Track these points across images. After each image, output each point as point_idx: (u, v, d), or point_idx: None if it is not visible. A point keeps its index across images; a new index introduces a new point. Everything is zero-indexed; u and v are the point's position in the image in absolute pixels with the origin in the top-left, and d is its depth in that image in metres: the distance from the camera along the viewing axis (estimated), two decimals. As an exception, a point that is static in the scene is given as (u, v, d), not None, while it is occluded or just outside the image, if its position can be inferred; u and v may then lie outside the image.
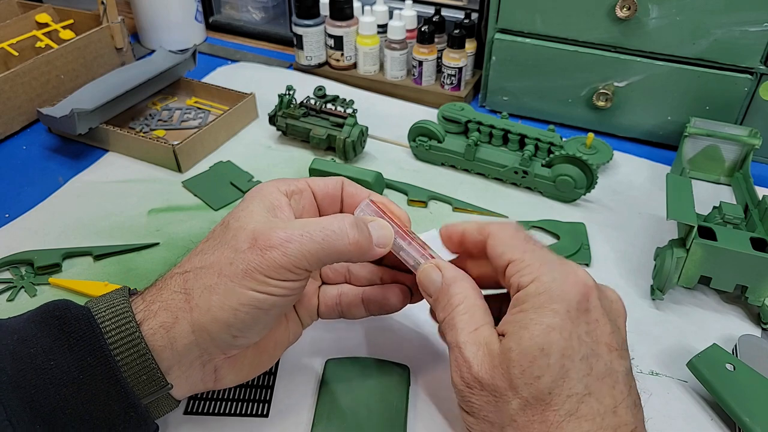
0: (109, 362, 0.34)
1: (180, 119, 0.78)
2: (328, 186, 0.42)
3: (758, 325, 0.52)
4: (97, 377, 0.34)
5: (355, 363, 0.46)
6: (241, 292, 0.35)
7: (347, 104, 0.71)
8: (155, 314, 0.36)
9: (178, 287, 0.36)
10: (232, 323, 0.35)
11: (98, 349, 0.34)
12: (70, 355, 0.34)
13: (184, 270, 0.37)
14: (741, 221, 0.54)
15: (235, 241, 0.36)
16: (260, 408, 0.44)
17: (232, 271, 0.35)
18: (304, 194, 0.41)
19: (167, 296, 0.36)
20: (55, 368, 0.34)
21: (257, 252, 0.35)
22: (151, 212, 0.63)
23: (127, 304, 0.36)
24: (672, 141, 0.73)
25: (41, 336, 0.34)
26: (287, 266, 0.35)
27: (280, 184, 0.40)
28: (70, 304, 0.36)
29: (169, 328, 0.36)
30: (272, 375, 0.46)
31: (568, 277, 0.34)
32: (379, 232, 0.39)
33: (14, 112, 0.75)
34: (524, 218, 0.63)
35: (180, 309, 0.36)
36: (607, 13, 0.69)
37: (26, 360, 0.34)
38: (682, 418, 0.44)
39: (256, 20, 1.02)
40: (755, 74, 0.67)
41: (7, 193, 0.66)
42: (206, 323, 0.35)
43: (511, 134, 0.67)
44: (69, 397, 0.33)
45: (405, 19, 0.81)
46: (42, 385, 0.33)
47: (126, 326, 0.35)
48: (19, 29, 0.84)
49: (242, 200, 0.39)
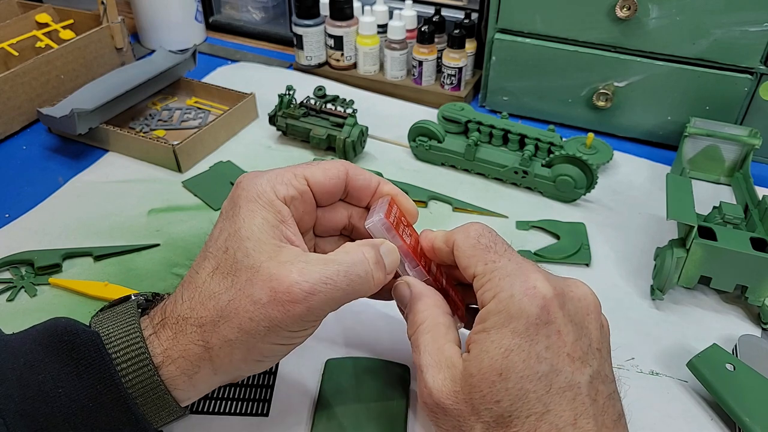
0: (119, 390, 0.33)
1: (180, 119, 0.78)
2: (329, 180, 0.39)
3: (758, 325, 0.52)
4: (108, 405, 0.33)
5: (355, 363, 0.46)
6: (264, 347, 0.34)
7: (347, 104, 0.71)
8: (175, 362, 0.34)
9: (196, 339, 0.34)
10: (255, 368, 0.37)
11: (108, 377, 0.33)
12: (79, 383, 0.33)
13: (201, 321, 0.34)
14: (741, 221, 0.54)
15: (251, 288, 0.33)
16: (260, 407, 0.44)
17: (253, 328, 0.33)
18: (304, 197, 0.38)
19: (185, 346, 0.34)
20: (64, 396, 0.33)
21: (278, 307, 0.33)
22: (151, 212, 0.63)
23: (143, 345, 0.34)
24: (672, 141, 0.73)
25: (49, 362, 0.33)
26: (311, 319, 0.34)
27: (277, 186, 0.37)
28: (78, 328, 0.34)
29: (191, 375, 0.35)
30: (272, 375, 0.46)
31: (527, 291, 0.33)
32: (389, 259, 0.37)
33: (14, 112, 0.75)
34: (524, 218, 0.63)
35: (201, 359, 0.34)
36: (607, 13, 0.69)
37: (34, 387, 0.33)
38: (682, 418, 0.44)
39: (256, 20, 1.02)
40: (755, 74, 0.67)
41: (7, 193, 0.66)
42: (230, 370, 0.35)
43: (511, 134, 0.67)
44: (79, 426, 0.33)
45: (405, 19, 0.81)
46: (51, 413, 0.32)
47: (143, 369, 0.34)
48: (19, 29, 0.84)
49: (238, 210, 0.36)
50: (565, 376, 0.31)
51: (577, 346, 0.32)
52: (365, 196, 0.41)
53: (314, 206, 0.40)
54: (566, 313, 0.33)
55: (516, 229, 0.62)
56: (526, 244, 0.59)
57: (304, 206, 0.39)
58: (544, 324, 0.32)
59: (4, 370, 0.33)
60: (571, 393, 0.31)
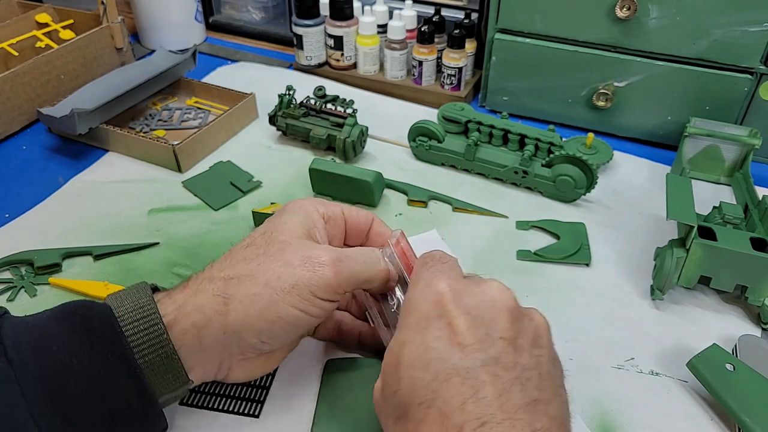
0: (129, 360, 0.35)
1: (180, 119, 0.78)
2: (359, 219, 0.45)
3: (758, 325, 0.52)
4: (118, 374, 0.35)
5: (355, 363, 0.46)
6: (282, 307, 0.37)
7: (347, 104, 0.71)
8: (187, 315, 0.37)
9: (218, 291, 0.38)
10: (264, 332, 0.38)
11: (120, 347, 0.35)
12: (91, 352, 0.35)
13: (228, 276, 0.38)
14: (741, 221, 0.54)
15: (282, 255, 0.38)
16: (252, 408, 0.43)
17: (279, 285, 0.37)
18: (337, 222, 0.44)
19: (203, 299, 0.38)
20: (77, 365, 0.34)
21: (309, 268, 0.38)
22: (151, 212, 0.63)
23: (153, 306, 0.37)
24: (672, 141, 0.73)
25: (63, 333, 0.35)
26: (335, 286, 0.38)
27: (318, 205, 0.43)
28: (91, 303, 0.37)
29: (201, 328, 0.37)
30: (270, 376, 0.46)
31: (424, 290, 0.35)
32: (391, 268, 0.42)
33: (14, 112, 0.75)
34: (524, 218, 0.63)
35: (215, 311, 0.37)
36: (607, 13, 0.69)
37: (48, 356, 0.34)
38: (682, 418, 0.44)
39: (256, 20, 1.02)
40: (755, 74, 0.67)
41: (7, 193, 0.66)
42: (240, 328, 0.37)
43: (511, 134, 0.67)
44: (89, 393, 0.34)
45: (405, 19, 0.81)
46: (64, 380, 0.34)
47: (153, 329, 0.36)
48: (19, 29, 0.84)
49: (282, 212, 0.42)
50: (453, 363, 0.32)
51: (469, 333, 0.33)
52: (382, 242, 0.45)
53: (343, 235, 0.45)
54: (461, 306, 0.34)
55: (516, 228, 0.62)
56: (526, 244, 0.59)
57: (336, 231, 0.44)
58: (436, 317, 0.34)
59: (19, 342, 0.35)
60: (458, 378, 0.31)
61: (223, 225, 0.62)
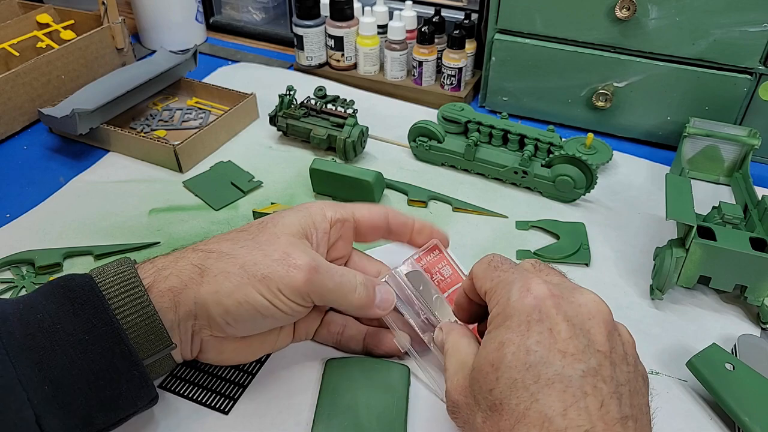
0: (113, 323, 0.36)
1: (181, 119, 0.78)
2: (372, 218, 0.46)
3: (757, 325, 0.52)
4: (102, 337, 0.36)
5: (355, 363, 0.46)
6: (250, 291, 0.38)
7: (347, 104, 0.71)
8: (166, 279, 0.39)
9: (196, 260, 0.39)
10: (230, 312, 0.39)
11: (102, 311, 0.36)
12: (75, 319, 0.36)
13: (210, 249, 0.40)
14: (740, 221, 0.54)
15: (268, 246, 0.40)
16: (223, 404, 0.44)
17: (253, 271, 0.38)
18: (346, 224, 0.45)
19: (182, 266, 0.39)
20: (62, 331, 0.36)
21: (283, 266, 0.39)
22: (151, 212, 0.63)
23: (133, 271, 0.38)
24: (671, 141, 0.74)
25: (47, 303, 0.37)
26: (302, 292, 0.39)
27: (328, 208, 0.44)
28: (73, 275, 0.38)
29: (177, 293, 0.38)
30: (251, 375, 0.46)
31: (522, 293, 0.36)
32: (382, 296, 0.44)
33: (15, 112, 0.75)
34: (524, 218, 0.63)
35: (191, 280, 0.39)
36: (607, 13, 0.69)
37: (34, 324, 0.36)
38: (681, 417, 0.44)
39: (257, 21, 1.03)
40: (755, 74, 0.67)
41: (8, 193, 0.66)
42: (209, 301, 0.38)
43: (510, 134, 0.67)
44: (76, 358, 0.35)
45: (405, 19, 0.81)
46: (50, 346, 0.35)
47: (133, 291, 0.37)
48: (20, 29, 0.85)
49: (290, 209, 0.44)
50: (555, 369, 0.32)
51: (570, 342, 0.33)
52: (405, 232, 0.47)
53: (351, 236, 0.46)
54: (561, 313, 0.34)
55: (516, 228, 0.62)
56: (526, 244, 0.59)
57: (343, 231, 0.45)
58: (536, 321, 0.34)
59: (6, 314, 0.36)
60: (560, 385, 0.32)
61: (223, 225, 0.62)
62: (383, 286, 0.44)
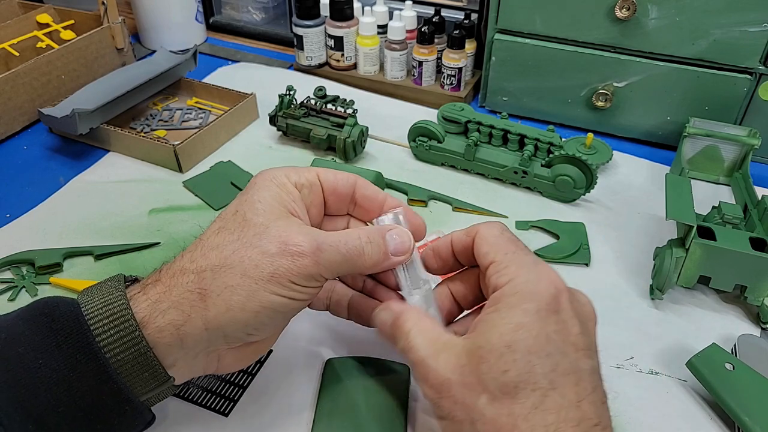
0: (98, 358, 0.33)
1: (181, 119, 0.78)
2: (338, 182, 0.41)
3: (757, 325, 0.52)
4: (88, 374, 0.33)
5: (355, 363, 0.46)
6: (264, 296, 0.35)
7: (347, 104, 0.71)
8: (164, 313, 0.35)
9: (192, 286, 0.35)
10: (250, 323, 0.36)
11: (86, 346, 0.33)
12: (58, 353, 0.33)
13: (200, 268, 0.36)
14: (740, 221, 0.54)
15: (260, 241, 0.36)
16: (224, 405, 0.44)
17: (257, 274, 0.35)
18: (313, 188, 0.41)
19: (179, 294, 0.35)
20: (44, 367, 0.33)
21: (287, 257, 0.35)
22: (151, 212, 0.63)
23: (124, 302, 0.35)
24: (671, 141, 0.74)
25: (30, 334, 0.34)
26: (315, 274, 0.36)
27: (290, 173, 0.40)
28: (59, 301, 0.35)
29: (180, 326, 0.35)
30: (251, 376, 0.46)
31: (541, 279, 0.35)
32: (396, 241, 0.40)
33: (15, 112, 0.75)
34: (524, 218, 0.63)
35: (193, 308, 0.35)
36: (607, 13, 0.69)
37: (14, 360, 0.33)
38: (681, 417, 0.44)
39: (257, 21, 1.03)
40: (754, 74, 0.67)
41: (8, 193, 0.66)
42: (223, 322, 0.35)
43: (510, 134, 0.67)
44: (60, 396, 0.33)
45: (405, 19, 0.81)
46: (32, 384, 0.33)
47: (123, 326, 0.34)
48: (20, 29, 0.85)
49: (252, 187, 0.39)
50: (570, 361, 0.33)
51: (580, 338, 0.34)
52: (372, 208, 0.43)
53: (322, 202, 0.42)
54: (573, 309, 0.35)
55: (516, 229, 0.62)
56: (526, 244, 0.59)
57: (312, 197, 0.41)
58: (554, 311, 0.34)
59: None
60: (575, 377, 0.32)
61: (223, 225, 0.62)
62: (397, 231, 0.40)
